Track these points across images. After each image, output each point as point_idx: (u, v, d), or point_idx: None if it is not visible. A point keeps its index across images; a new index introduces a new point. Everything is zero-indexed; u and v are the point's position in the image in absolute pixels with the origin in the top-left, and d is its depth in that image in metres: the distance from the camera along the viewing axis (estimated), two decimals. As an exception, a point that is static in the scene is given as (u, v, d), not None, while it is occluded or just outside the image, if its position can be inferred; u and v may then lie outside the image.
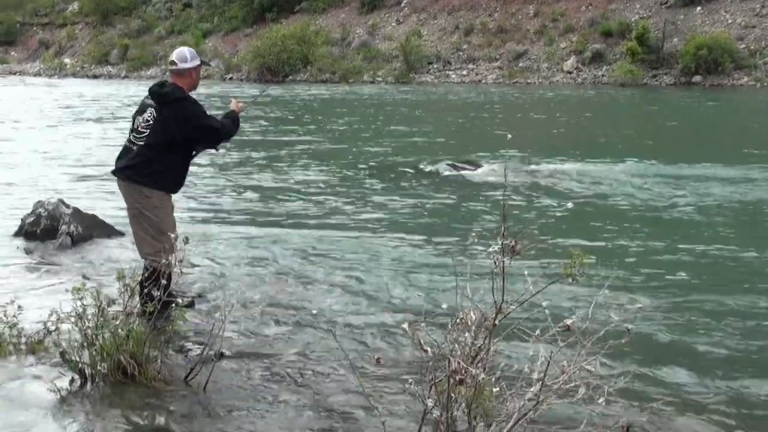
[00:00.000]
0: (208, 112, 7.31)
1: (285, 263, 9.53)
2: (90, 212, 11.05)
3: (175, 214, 7.44)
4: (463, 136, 23.98)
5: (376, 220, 12.31)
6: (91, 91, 46.14)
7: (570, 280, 4.18)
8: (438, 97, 40.70)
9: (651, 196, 14.19)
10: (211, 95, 39.14)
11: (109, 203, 12.93)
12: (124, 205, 7.49)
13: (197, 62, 7.41)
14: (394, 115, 30.85)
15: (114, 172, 7.38)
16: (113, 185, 7.92)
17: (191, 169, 7.70)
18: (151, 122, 7.12)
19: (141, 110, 7.27)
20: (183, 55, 7.34)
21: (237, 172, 17.16)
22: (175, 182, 7.36)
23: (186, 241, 5.90)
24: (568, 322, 4.21)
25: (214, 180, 16.19)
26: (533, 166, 17.13)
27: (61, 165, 18.13)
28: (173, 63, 7.30)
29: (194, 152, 7.46)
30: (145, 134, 7.13)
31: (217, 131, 7.26)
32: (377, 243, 10.75)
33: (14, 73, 74.18)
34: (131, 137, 7.25)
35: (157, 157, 7.12)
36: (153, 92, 7.22)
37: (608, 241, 10.95)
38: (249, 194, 14.72)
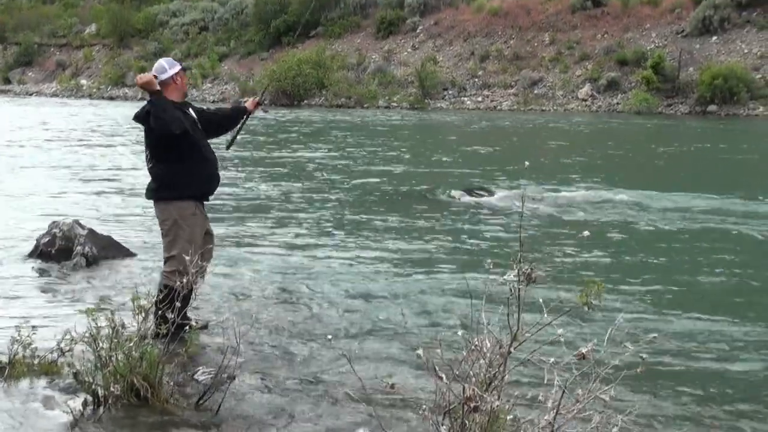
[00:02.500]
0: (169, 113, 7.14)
1: (298, 287, 9.53)
2: (105, 233, 11.08)
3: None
4: (478, 162, 23.97)
5: (391, 246, 12.29)
6: (108, 113, 46.34)
7: (586, 308, 4.17)
8: (453, 123, 40.73)
9: (668, 226, 14.15)
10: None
11: (124, 224, 12.97)
12: (139, 226, 7.54)
13: (177, 68, 7.39)
14: (409, 141, 30.89)
15: (147, 197, 7.55)
16: (129, 206, 7.97)
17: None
18: (146, 141, 7.30)
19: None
20: (160, 66, 7.35)
21: (248, 196, 17.18)
22: (195, 187, 7.36)
23: (203, 270, 5.91)
24: (583, 350, 4.20)
25: (224, 202, 16.20)
26: (550, 194, 17.10)
27: (77, 186, 18.19)
28: (155, 77, 7.23)
29: (200, 149, 7.41)
30: (147, 153, 7.30)
31: (157, 118, 6.98)
32: (391, 268, 10.74)
33: (31, 94, 74.50)
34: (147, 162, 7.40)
35: (164, 170, 7.20)
36: (136, 118, 7.28)
37: (624, 269, 10.92)
38: (261, 218, 14.72)
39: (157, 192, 7.28)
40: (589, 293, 4.14)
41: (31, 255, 10.65)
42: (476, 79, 54.94)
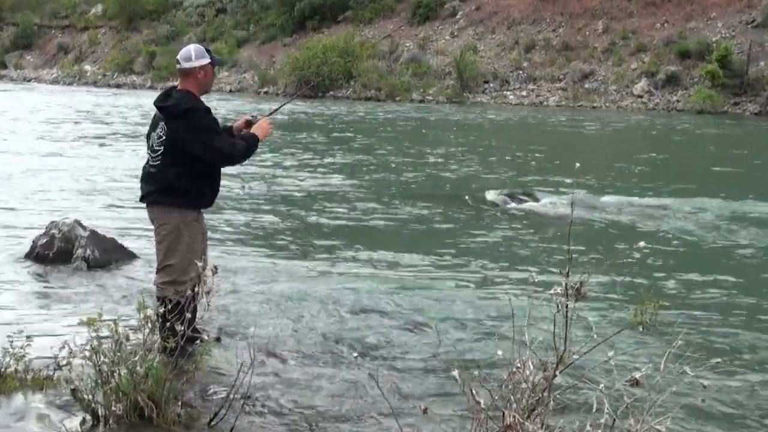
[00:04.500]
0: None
1: (320, 298, 9.51)
2: (109, 235, 11.12)
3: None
4: (522, 164, 23.93)
5: (424, 255, 12.27)
6: (115, 102, 46.63)
7: (640, 328, 4.15)
8: (495, 119, 40.68)
9: (733, 238, 14.05)
10: (243, 111, 39.35)
11: (130, 226, 13.03)
12: (147, 227, 7.53)
13: (205, 60, 7.25)
14: (445, 139, 30.87)
15: (141, 199, 7.43)
16: (135, 206, 7.97)
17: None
18: (164, 138, 7.10)
19: (154, 125, 7.27)
20: (187, 53, 7.27)
21: (267, 197, 17.23)
22: (202, 197, 7.33)
23: (215, 270, 5.90)
24: (637, 375, 4.17)
25: (241, 204, 16.24)
26: (602, 200, 17.03)
27: (79, 183, 18.30)
28: (177, 62, 7.24)
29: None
30: (160, 152, 7.12)
31: (223, 155, 7.14)
32: (425, 280, 10.73)
33: (29, 80, 75.04)
34: (149, 157, 7.25)
35: (177, 177, 7.10)
36: (158, 106, 7.18)
37: (684, 286, 10.85)
38: (281, 222, 14.76)
39: (164, 195, 7.16)
40: (644, 311, 4.11)
41: (27, 257, 10.70)
42: (520, 72, 54.84)
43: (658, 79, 49.77)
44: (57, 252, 10.51)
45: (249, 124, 7.63)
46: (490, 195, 17.30)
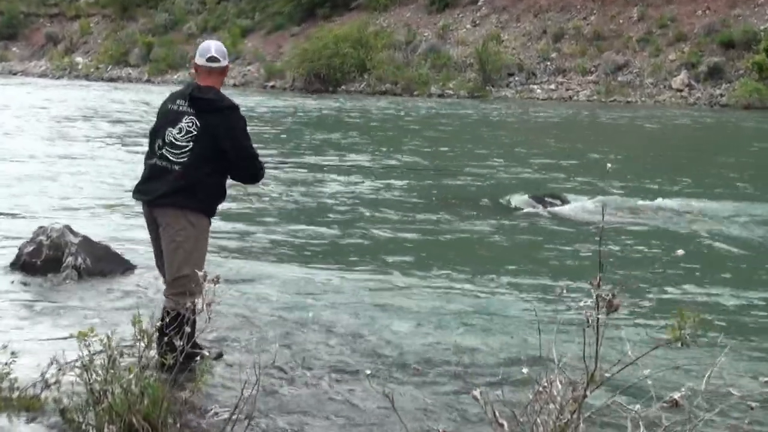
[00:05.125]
0: None
1: (331, 310, 9.51)
2: (102, 242, 11.14)
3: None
4: (550, 164, 23.90)
5: (443, 263, 12.27)
6: (109, 97, 46.76)
7: (679, 344, 4.13)
8: (520, 115, 40.68)
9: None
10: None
11: (125, 232, 13.05)
12: (142, 234, 7.52)
13: (228, 60, 7.45)
14: (467, 136, 30.87)
15: (150, 201, 7.26)
16: (131, 210, 7.96)
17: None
18: (195, 133, 7.07)
19: (172, 120, 7.18)
20: (223, 51, 7.36)
21: (276, 199, 17.25)
22: (218, 204, 7.40)
23: (217, 280, 5.89)
24: (677, 395, 4.16)
25: (247, 207, 16.26)
26: (636, 203, 17.00)
27: (71, 185, 18.37)
28: (214, 59, 7.24)
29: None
30: (189, 148, 7.07)
31: (256, 166, 7.35)
32: (442, 290, 10.72)
33: (15, 73, 75.22)
34: (165, 153, 7.15)
35: (207, 175, 7.12)
36: (196, 98, 7.13)
37: (728, 297, 10.80)
38: (290, 226, 14.77)
39: (185, 197, 7.09)
40: (683, 325, 4.10)
41: (13, 266, 10.70)
42: (548, 63, 54.86)
43: (700, 72, 49.62)
44: (45, 260, 10.46)
45: None
46: (516, 198, 17.29)
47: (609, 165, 23.53)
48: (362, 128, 33.59)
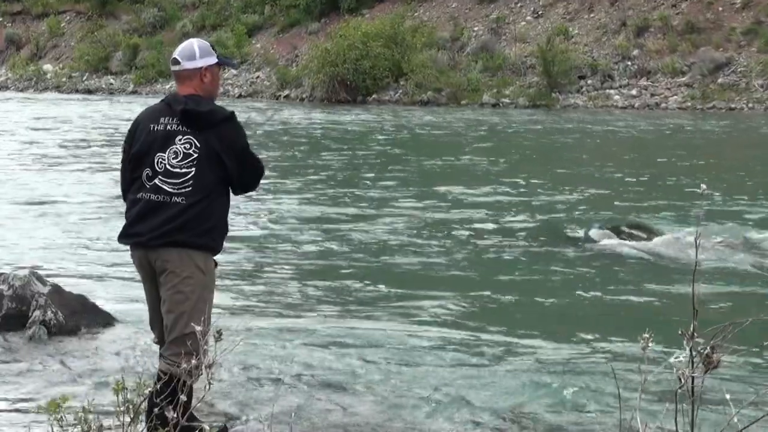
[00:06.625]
0: None
1: (358, 367, 9.55)
2: (77, 291, 11.18)
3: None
4: (632, 188, 23.87)
5: (495, 308, 12.33)
6: (85, 113, 46.99)
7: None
8: (595, 128, 40.61)
9: None
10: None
11: (105, 281, 13.10)
12: (126, 282, 7.53)
13: (211, 59, 7.31)
14: (529, 154, 30.94)
15: (144, 242, 7.18)
16: (112, 253, 7.98)
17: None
18: (195, 156, 7.03)
19: (161, 143, 7.13)
20: (189, 50, 7.28)
21: (290, 236, 17.31)
22: (224, 238, 7.46)
23: (218, 336, 5.88)
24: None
25: (253, 242, 16.33)
26: (741, 236, 16.91)
27: (39, 223, 18.44)
28: (176, 62, 7.27)
29: None
30: (191, 174, 7.04)
31: (260, 177, 7.50)
32: (499, 339, 10.78)
33: (-31, 84, 75.59)
34: (160, 184, 7.09)
35: (216, 206, 7.16)
36: (188, 111, 7.08)
37: None
38: (306, 266, 14.83)
39: (190, 234, 7.05)
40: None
41: (-32, 322, 10.78)
42: (629, 63, 54.68)
43: (823, 70, 49.48)
44: (6, 315, 10.43)
45: None
46: (591, 231, 17.26)
47: (703, 186, 23.43)
48: (403, 145, 33.68)
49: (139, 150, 7.24)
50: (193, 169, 7.01)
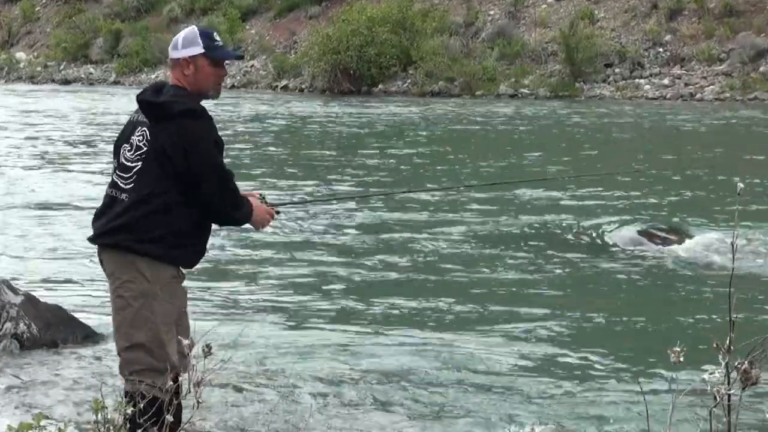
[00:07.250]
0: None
1: (360, 382, 9.57)
2: (52, 302, 11.18)
3: (189, 306, 7.45)
4: (665, 187, 23.85)
5: (519, 318, 12.33)
6: (63, 107, 47.05)
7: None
8: (624, 122, 40.60)
9: None
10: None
11: (83, 288, 13.12)
12: (106, 291, 7.48)
13: (194, 50, 7.15)
14: (553, 151, 30.94)
15: (92, 239, 7.20)
16: (90, 260, 7.98)
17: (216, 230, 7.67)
18: (145, 149, 6.96)
19: (128, 133, 7.13)
20: (177, 38, 7.26)
21: (289, 241, 17.35)
22: (194, 249, 7.26)
23: (207, 351, 5.86)
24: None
25: (250, 251, 16.35)
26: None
27: (11, 228, 18.46)
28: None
29: None
30: (135, 169, 6.99)
31: (224, 193, 7.06)
32: (523, 351, 10.79)
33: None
34: (115, 179, 7.09)
35: (163, 207, 6.97)
36: (144, 101, 7.07)
37: None
38: (306, 276, 14.84)
39: (131, 237, 6.95)
40: None
41: (-68, 335, 10.80)
42: (660, 49, 54.67)
43: None
44: (-26, 328, 10.54)
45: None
46: (621, 234, 17.26)
47: (740, 185, 23.39)
48: (446, 141, 33.71)
49: (116, 142, 7.29)
50: (140, 163, 6.96)
